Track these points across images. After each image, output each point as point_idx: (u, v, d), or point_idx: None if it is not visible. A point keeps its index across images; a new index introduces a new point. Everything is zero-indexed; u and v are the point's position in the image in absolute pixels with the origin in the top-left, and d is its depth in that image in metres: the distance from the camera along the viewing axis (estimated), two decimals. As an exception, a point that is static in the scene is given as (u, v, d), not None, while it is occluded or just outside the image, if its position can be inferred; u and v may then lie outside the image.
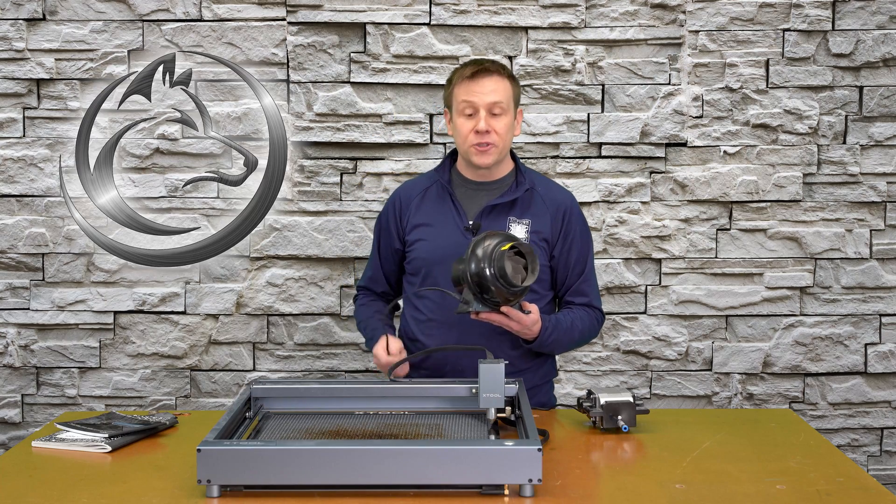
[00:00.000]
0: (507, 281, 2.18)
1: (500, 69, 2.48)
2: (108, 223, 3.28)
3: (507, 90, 2.47)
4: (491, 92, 2.44)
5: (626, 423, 2.23)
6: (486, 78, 2.44)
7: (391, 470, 1.80)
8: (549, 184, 2.60)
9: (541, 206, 2.53)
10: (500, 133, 2.45)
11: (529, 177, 2.56)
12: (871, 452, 3.40)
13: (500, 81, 2.46)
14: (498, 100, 2.44)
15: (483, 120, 2.43)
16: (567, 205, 2.55)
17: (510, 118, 2.48)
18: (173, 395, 3.34)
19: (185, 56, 3.24)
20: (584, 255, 2.57)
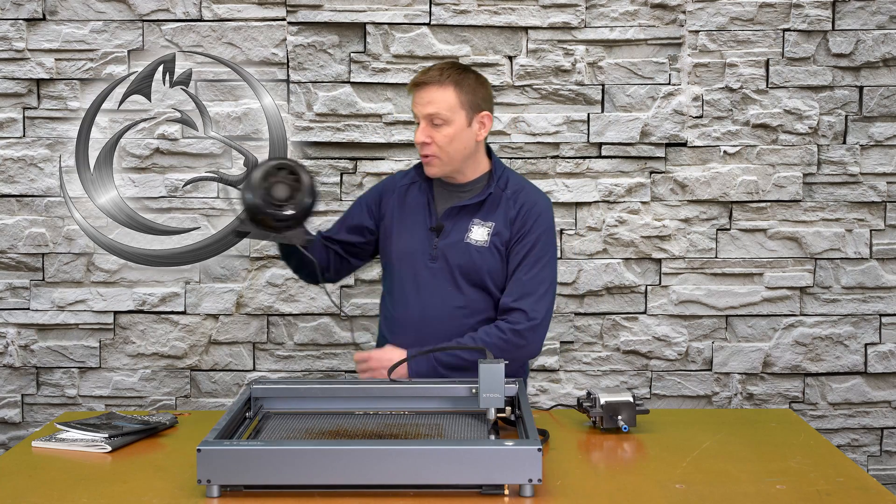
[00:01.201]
0: (267, 202, 2.33)
1: (441, 77, 2.43)
2: (108, 223, 3.28)
3: (449, 99, 2.42)
4: (427, 103, 2.43)
5: (626, 423, 2.23)
6: (423, 90, 2.44)
7: (391, 470, 1.80)
8: (524, 187, 2.55)
9: (507, 209, 2.50)
10: (439, 144, 2.43)
11: (504, 179, 2.53)
12: (871, 452, 3.40)
13: (438, 91, 2.42)
14: (434, 111, 2.41)
15: (420, 131, 2.44)
16: (531, 206, 2.51)
17: (454, 127, 2.43)
18: (173, 395, 3.34)
19: (185, 56, 3.24)
20: (530, 255, 2.48)
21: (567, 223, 3.31)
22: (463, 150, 2.47)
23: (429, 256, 2.50)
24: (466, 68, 2.50)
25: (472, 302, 2.49)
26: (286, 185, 2.34)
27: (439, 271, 2.49)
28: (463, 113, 2.44)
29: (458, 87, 2.44)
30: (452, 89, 2.43)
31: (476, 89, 2.47)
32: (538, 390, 3.35)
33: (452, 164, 2.48)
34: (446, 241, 2.49)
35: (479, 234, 2.49)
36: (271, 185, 2.35)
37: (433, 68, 2.46)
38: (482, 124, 2.48)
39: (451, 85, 2.43)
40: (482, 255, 2.48)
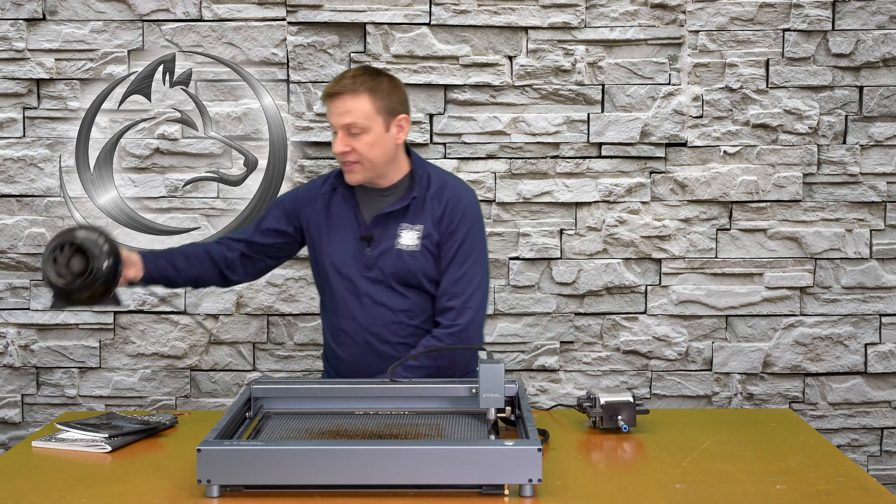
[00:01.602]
0: (51, 280, 2.23)
1: (355, 85, 2.40)
2: (108, 223, 3.28)
3: (364, 107, 2.39)
4: (344, 113, 2.40)
5: (626, 423, 2.23)
6: (337, 99, 2.40)
7: (391, 470, 1.80)
8: (447, 183, 2.53)
9: (434, 209, 2.49)
10: (360, 152, 2.41)
11: (425, 178, 2.51)
12: (871, 452, 3.40)
13: (353, 100, 2.39)
14: (351, 121, 2.39)
15: (338, 141, 2.41)
16: (456, 202, 2.49)
17: (374, 135, 2.41)
18: (173, 395, 3.34)
19: (185, 56, 3.24)
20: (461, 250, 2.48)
21: (567, 223, 3.31)
22: (383, 155, 2.44)
23: (364, 266, 2.49)
24: (379, 72, 2.46)
25: (414, 304, 2.49)
26: (82, 257, 2.22)
27: (376, 279, 2.49)
28: (380, 119, 2.42)
29: (373, 94, 2.41)
30: (367, 96, 2.40)
31: (391, 93, 2.44)
32: (538, 390, 3.35)
33: (374, 170, 2.45)
34: (378, 249, 2.48)
35: (409, 239, 2.47)
36: (68, 260, 2.23)
37: (345, 76, 2.42)
38: (400, 127, 2.45)
39: (365, 92, 2.40)
40: (415, 259, 2.47)
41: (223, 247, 2.58)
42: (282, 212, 2.59)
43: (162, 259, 2.49)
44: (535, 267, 3.32)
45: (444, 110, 3.27)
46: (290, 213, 2.58)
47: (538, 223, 3.30)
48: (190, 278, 2.56)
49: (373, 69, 2.50)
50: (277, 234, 2.58)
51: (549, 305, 3.33)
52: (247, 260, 2.59)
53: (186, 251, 2.56)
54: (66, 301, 2.25)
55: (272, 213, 2.60)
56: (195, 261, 2.55)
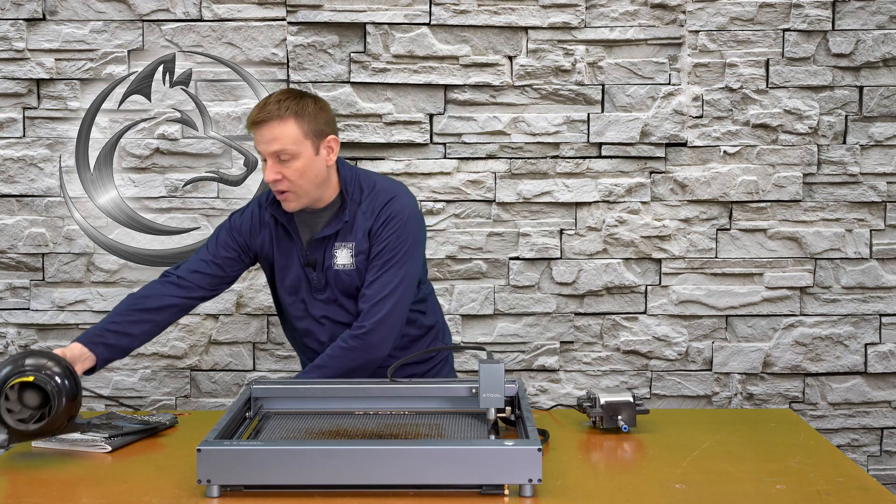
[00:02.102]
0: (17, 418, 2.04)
1: (280, 111, 2.34)
2: (108, 223, 3.28)
3: (292, 133, 2.34)
4: (271, 141, 2.34)
5: (626, 423, 2.23)
6: (263, 127, 2.35)
7: (391, 470, 1.80)
8: (380, 192, 2.46)
9: (363, 222, 2.45)
10: (291, 179, 2.36)
11: (356, 192, 2.46)
12: (871, 452, 3.40)
13: (279, 127, 2.34)
14: (279, 148, 2.34)
15: (269, 169, 2.36)
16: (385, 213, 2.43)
17: (304, 160, 2.36)
18: (173, 395, 3.34)
19: (185, 56, 3.25)
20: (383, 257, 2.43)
21: (567, 223, 3.31)
22: (315, 179, 2.39)
23: (315, 290, 2.49)
24: (304, 94, 2.41)
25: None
26: (36, 390, 2.05)
27: (328, 301, 2.49)
28: (308, 143, 2.36)
29: (299, 118, 2.35)
30: (293, 121, 2.35)
31: (317, 115, 2.39)
32: (538, 390, 3.35)
33: (308, 195, 2.41)
34: (321, 272, 2.47)
35: (343, 258, 2.45)
36: (21, 396, 2.05)
37: (270, 102, 2.36)
38: (330, 149, 2.41)
39: (291, 117, 2.34)
40: (351, 277, 2.45)
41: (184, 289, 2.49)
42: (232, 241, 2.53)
43: (110, 336, 2.39)
44: (535, 267, 3.32)
45: (444, 110, 3.27)
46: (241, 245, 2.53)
47: (538, 223, 3.30)
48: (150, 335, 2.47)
49: (297, 91, 2.43)
50: (235, 262, 2.54)
51: (549, 305, 3.33)
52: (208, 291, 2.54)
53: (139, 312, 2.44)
54: (23, 437, 2.05)
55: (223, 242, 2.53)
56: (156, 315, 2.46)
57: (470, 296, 3.32)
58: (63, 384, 2.05)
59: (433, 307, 2.65)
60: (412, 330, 2.55)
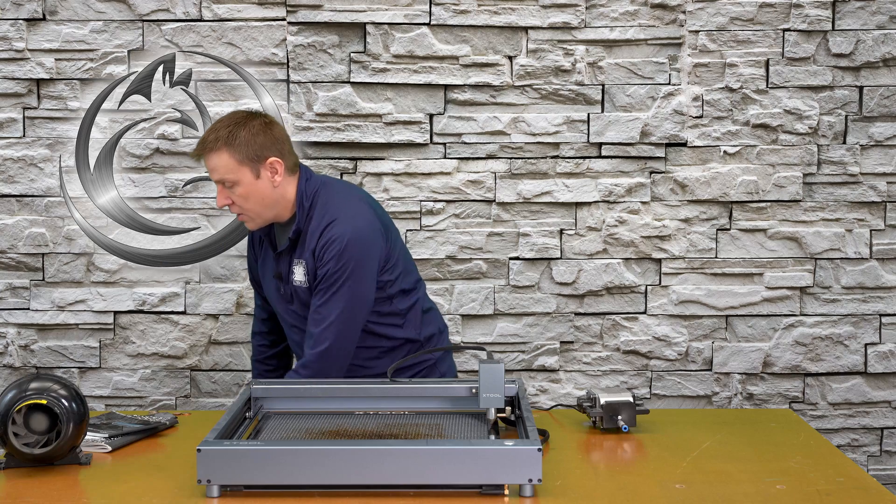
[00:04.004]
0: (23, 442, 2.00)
1: (214, 143, 2.40)
2: (108, 223, 3.28)
3: (226, 162, 2.40)
4: (212, 170, 2.45)
5: (626, 423, 2.24)
6: (204, 158, 2.45)
7: (391, 470, 1.80)
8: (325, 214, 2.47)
9: (311, 243, 2.47)
10: (238, 203, 2.45)
11: (308, 212, 2.48)
12: (871, 452, 3.40)
13: (215, 157, 2.41)
14: (219, 177, 2.44)
15: (219, 195, 2.46)
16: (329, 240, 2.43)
17: (245, 185, 2.41)
18: (173, 395, 3.34)
19: (185, 56, 3.24)
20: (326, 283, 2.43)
21: (567, 223, 3.31)
22: (262, 201, 2.45)
23: (285, 300, 2.56)
24: (239, 121, 2.44)
25: None
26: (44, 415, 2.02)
27: (297, 312, 2.55)
28: (246, 169, 2.41)
29: (230, 147, 2.40)
30: (225, 151, 2.40)
31: (250, 142, 2.41)
32: (538, 390, 3.35)
33: (261, 216, 2.48)
34: (287, 284, 2.54)
35: (299, 275, 2.50)
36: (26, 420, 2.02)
37: (208, 133, 2.42)
38: (273, 170, 2.44)
39: (223, 147, 2.40)
40: (306, 294, 2.50)
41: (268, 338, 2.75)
42: (254, 267, 2.71)
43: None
44: (535, 267, 3.32)
45: (444, 110, 3.27)
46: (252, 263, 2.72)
47: (538, 223, 3.30)
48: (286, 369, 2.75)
49: (235, 117, 2.47)
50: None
51: (549, 305, 3.33)
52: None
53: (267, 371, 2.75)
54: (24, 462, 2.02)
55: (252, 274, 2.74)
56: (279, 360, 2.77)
57: (470, 296, 3.32)
58: (71, 407, 2.02)
59: (414, 320, 2.60)
60: (383, 342, 2.57)
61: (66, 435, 2.00)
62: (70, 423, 2.00)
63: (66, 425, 2.00)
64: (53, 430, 2.01)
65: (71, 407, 2.02)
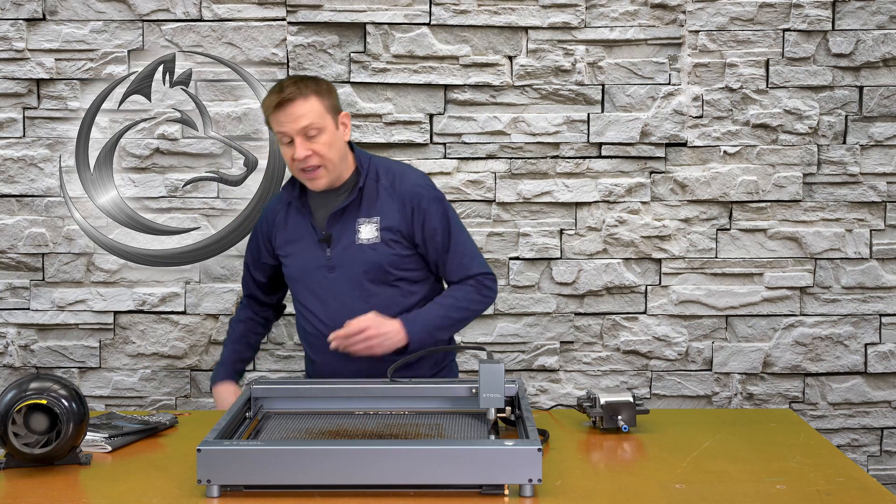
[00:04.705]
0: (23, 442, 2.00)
1: (301, 91, 2.43)
2: (108, 223, 3.28)
3: (316, 108, 2.43)
4: (299, 118, 2.42)
5: (626, 423, 2.23)
6: (289, 106, 2.42)
7: (391, 470, 1.80)
8: (397, 173, 2.56)
9: (387, 200, 2.51)
10: (321, 153, 2.43)
11: (372, 170, 2.54)
12: (871, 452, 3.40)
13: (304, 104, 2.42)
14: (307, 123, 2.42)
15: (299, 147, 2.42)
16: (412, 193, 2.51)
17: (329, 133, 2.45)
18: (173, 395, 3.34)
19: (185, 56, 3.25)
20: (447, 234, 2.53)
21: (567, 223, 3.31)
22: (339, 153, 2.48)
23: (325, 269, 2.51)
24: (312, 77, 2.51)
25: (383, 302, 2.50)
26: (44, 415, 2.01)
27: (339, 280, 2.50)
28: (330, 118, 2.46)
29: (318, 95, 2.45)
30: (314, 98, 2.44)
31: (331, 93, 2.50)
32: (538, 390, 3.35)
33: (336, 170, 2.48)
34: (338, 249, 2.50)
35: (368, 232, 2.49)
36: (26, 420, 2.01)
37: (286, 85, 2.45)
38: (345, 125, 2.51)
39: (312, 94, 2.44)
40: (377, 251, 2.48)
41: (257, 315, 2.74)
42: (255, 248, 2.67)
43: (239, 364, 2.73)
44: (535, 267, 3.32)
45: (444, 110, 3.27)
46: (261, 245, 2.65)
47: (538, 223, 3.30)
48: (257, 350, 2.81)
49: (304, 75, 2.56)
50: (266, 267, 2.67)
51: (549, 305, 3.33)
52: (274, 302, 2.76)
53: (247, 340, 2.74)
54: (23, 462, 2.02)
55: (253, 256, 2.69)
56: (255, 339, 2.76)
57: (470, 296, 3.31)
58: (71, 407, 2.02)
59: None
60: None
61: (66, 435, 2.00)
62: (70, 423, 2.00)
63: (66, 425, 2.00)
64: (53, 430, 2.01)
65: (71, 407, 2.02)
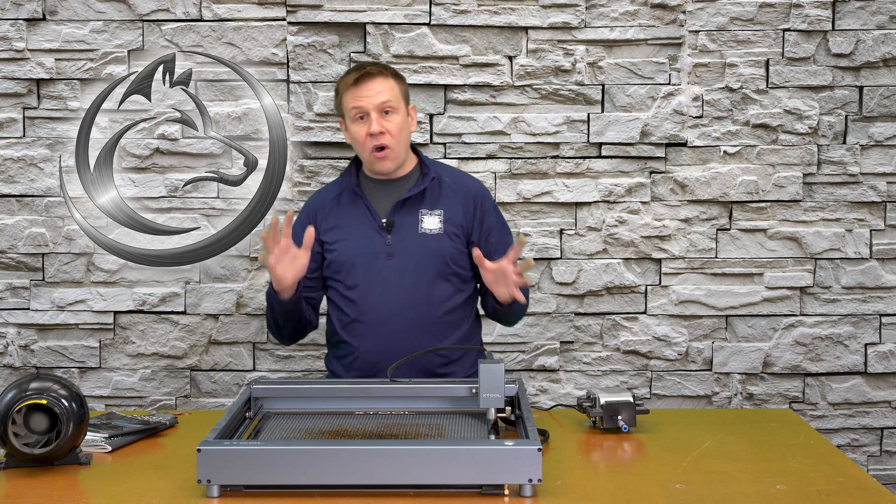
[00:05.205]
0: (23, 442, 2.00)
1: (383, 70, 2.55)
2: (108, 223, 3.28)
3: (394, 89, 2.54)
4: (378, 93, 2.50)
5: (626, 423, 2.24)
6: (370, 81, 2.51)
7: (391, 470, 1.80)
8: (456, 173, 2.70)
9: (450, 196, 2.60)
10: (393, 133, 2.50)
11: (435, 168, 2.64)
12: (871, 452, 3.40)
13: (384, 82, 2.52)
14: (385, 99, 2.51)
15: (374, 122, 2.49)
16: (475, 191, 2.65)
17: (401, 117, 2.54)
18: (173, 395, 3.34)
19: (185, 56, 3.24)
20: (504, 240, 2.65)
21: (567, 223, 3.31)
22: (406, 139, 2.58)
23: (384, 254, 2.54)
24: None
25: (435, 293, 2.54)
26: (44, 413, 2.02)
27: (398, 267, 2.54)
28: (403, 103, 2.57)
29: (396, 79, 2.57)
30: (393, 80, 2.56)
31: (404, 82, 2.62)
32: (538, 390, 3.35)
33: (401, 155, 2.56)
34: (400, 236, 2.54)
35: (432, 223, 2.56)
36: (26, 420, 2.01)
37: (366, 63, 2.56)
38: (411, 117, 2.61)
39: (391, 76, 2.56)
40: (439, 242, 2.55)
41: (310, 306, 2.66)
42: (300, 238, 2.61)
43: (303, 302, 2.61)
44: (536, 267, 3.32)
45: (444, 110, 3.27)
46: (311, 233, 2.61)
47: (538, 223, 3.30)
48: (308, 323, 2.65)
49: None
50: (316, 258, 2.62)
51: (549, 305, 3.33)
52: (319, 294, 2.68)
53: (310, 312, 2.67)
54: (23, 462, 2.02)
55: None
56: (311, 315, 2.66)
57: (470, 296, 3.31)
58: (71, 407, 2.02)
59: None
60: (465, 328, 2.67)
61: (66, 435, 2.00)
62: (70, 423, 2.00)
63: (66, 425, 2.00)
64: (53, 430, 2.01)
65: (71, 407, 2.02)
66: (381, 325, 2.53)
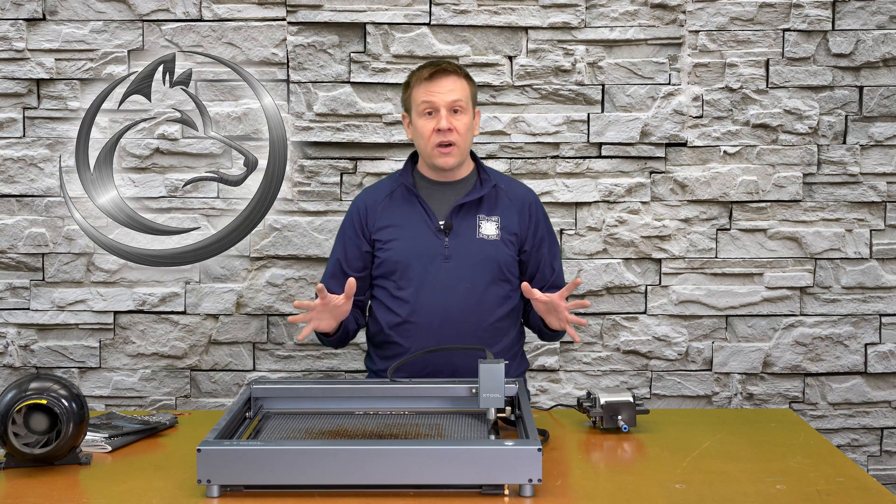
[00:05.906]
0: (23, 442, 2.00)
1: (458, 69, 2.55)
2: (108, 223, 3.28)
3: (466, 89, 2.54)
4: (450, 91, 2.50)
5: (626, 423, 2.24)
6: (444, 78, 2.51)
7: (391, 470, 1.80)
8: (511, 181, 2.69)
9: (506, 203, 2.61)
10: (460, 132, 2.50)
11: (493, 176, 2.64)
12: (871, 452, 3.40)
13: (457, 81, 2.52)
14: (457, 98, 2.50)
15: (444, 118, 2.48)
16: (530, 200, 2.66)
17: (469, 117, 2.54)
18: (173, 395, 3.34)
19: (185, 56, 3.24)
20: (555, 251, 2.68)
21: (567, 223, 3.31)
22: (470, 141, 2.57)
23: (442, 256, 2.52)
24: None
25: (488, 298, 2.53)
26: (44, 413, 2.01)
27: (455, 270, 2.52)
28: (471, 104, 2.57)
29: (468, 80, 2.57)
30: (465, 81, 2.55)
31: (474, 85, 2.61)
32: (538, 390, 3.35)
33: (464, 154, 2.57)
34: (457, 239, 2.53)
35: (489, 229, 2.56)
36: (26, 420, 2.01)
37: (443, 60, 2.58)
38: (476, 121, 2.61)
39: (463, 77, 2.55)
40: (496, 248, 2.55)
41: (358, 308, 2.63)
42: (352, 237, 2.61)
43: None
44: (535, 267, 3.31)
45: (444, 110, 3.27)
46: (359, 233, 2.61)
47: (538, 223, 3.30)
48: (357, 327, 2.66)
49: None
50: (366, 256, 2.61)
51: (549, 305, 3.32)
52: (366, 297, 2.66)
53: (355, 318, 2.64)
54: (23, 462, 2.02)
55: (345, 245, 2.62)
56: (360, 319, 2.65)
57: (470, 296, 3.31)
58: (71, 407, 2.02)
59: None
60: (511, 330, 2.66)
61: (66, 435, 2.00)
62: (70, 423, 2.00)
63: (66, 425, 2.00)
64: (53, 430, 2.01)
65: (71, 407, 2.02)
66: (434, 328, 2.50)
